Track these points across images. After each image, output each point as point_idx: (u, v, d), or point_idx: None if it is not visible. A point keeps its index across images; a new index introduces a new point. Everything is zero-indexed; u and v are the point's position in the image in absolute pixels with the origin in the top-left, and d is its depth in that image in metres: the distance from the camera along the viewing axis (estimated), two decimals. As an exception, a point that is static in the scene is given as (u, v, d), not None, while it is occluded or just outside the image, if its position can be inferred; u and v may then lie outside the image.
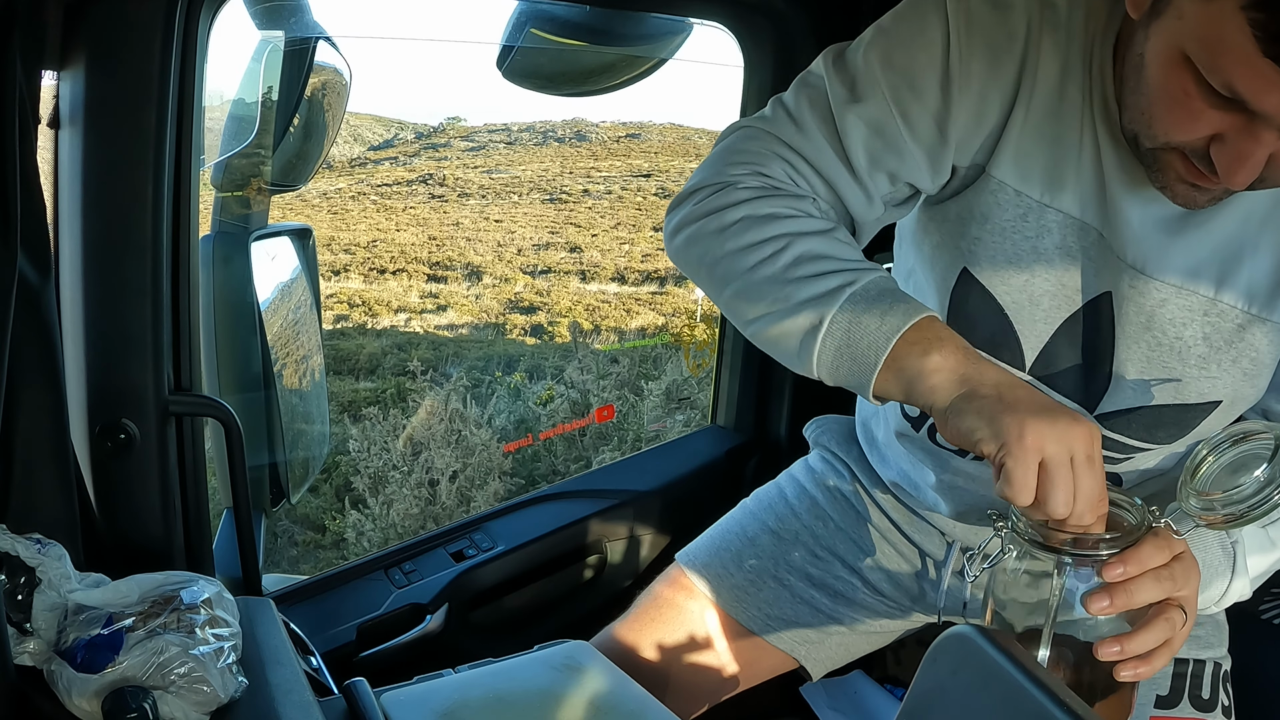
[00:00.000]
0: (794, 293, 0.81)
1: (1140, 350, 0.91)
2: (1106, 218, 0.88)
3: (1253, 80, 0.67)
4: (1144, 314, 0.89)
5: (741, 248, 0.84)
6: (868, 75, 0.87)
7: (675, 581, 1.22)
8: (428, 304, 9.73)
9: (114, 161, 0.99)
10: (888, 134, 0.87)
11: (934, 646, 0.73)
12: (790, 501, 1.22)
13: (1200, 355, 0.90)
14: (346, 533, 5.15)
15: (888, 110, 0.87)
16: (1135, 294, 0.88)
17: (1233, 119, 0.71)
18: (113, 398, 1.04)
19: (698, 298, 9.52)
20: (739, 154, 0.90)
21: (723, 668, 1.20)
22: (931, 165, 0.89)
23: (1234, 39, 0.66)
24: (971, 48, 0.85)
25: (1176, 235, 0.86)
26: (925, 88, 0.86)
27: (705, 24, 1.55)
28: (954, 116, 0.87)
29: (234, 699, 0.85)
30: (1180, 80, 0.72)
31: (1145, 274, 0.87)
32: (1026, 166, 0.88)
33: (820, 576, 1.19)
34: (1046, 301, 0.92)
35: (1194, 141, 0.75)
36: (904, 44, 0.87)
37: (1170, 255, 0.87)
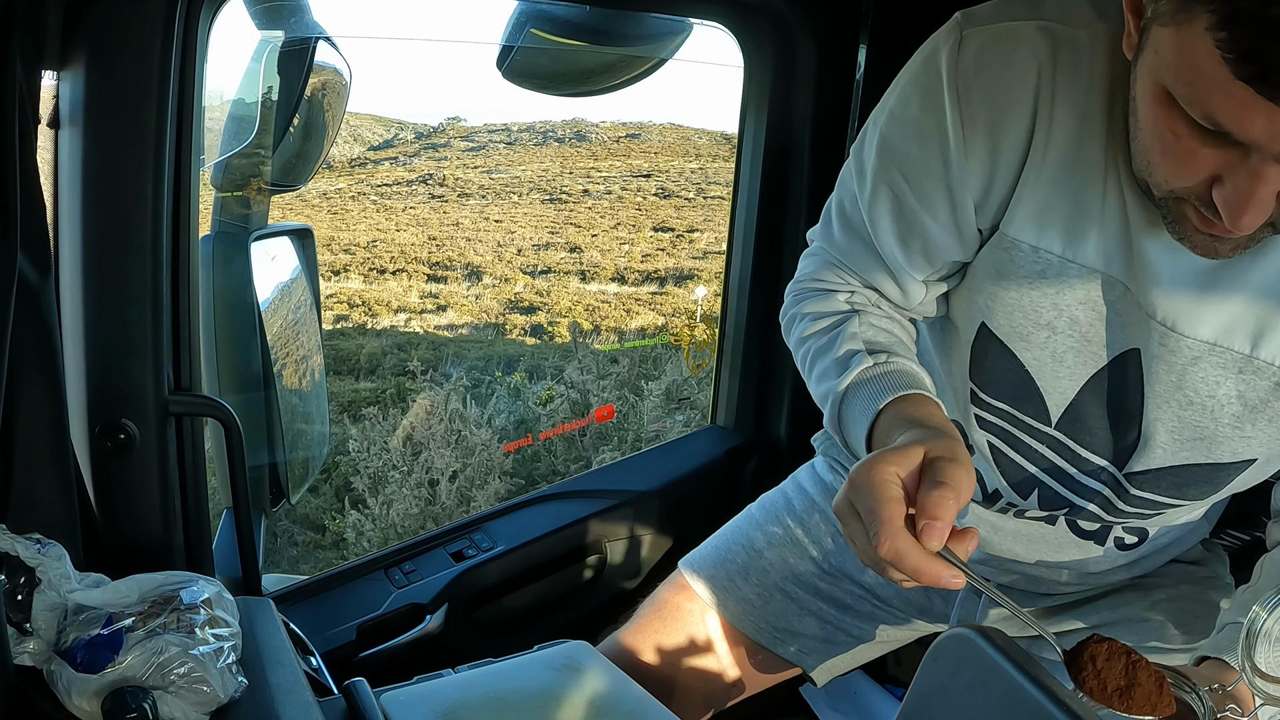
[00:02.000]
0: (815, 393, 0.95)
1: (1171, 410, 0.86)
2: (1133, 271, 0.82)
3: (1232, 108, 0.62)
4: (1175, 373, 0.84)
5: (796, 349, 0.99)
6: (879, 164, 0.89)
7: (679, 588, 1.21)
8: (427, 304, 9.73)
9: (114, 161, 0.99)
10: (909, 218, 0.89)
11: (934, 647, 0.73)
12: (798, 513, 1.20)
13: (1234, 414, 0.85)
14: (346, 533, 5.16)
15: (903, 194, 0.88)
16: (1165, 352, 0.83)
17: (1227, 156, 0.66)
18: (113, 398, 1.04)
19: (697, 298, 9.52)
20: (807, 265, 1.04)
21: (728, 674, 1.20)
22: (958, 236, 0.88)
23: (1206, 65, 0.61)
24: (973, 106, 0.82)
25: (1209, 289, 0.80)
26: (931, 162, 0.85)
27: (705, 24, 1.55)
28: (964, 182, 0.84)
29: (234, 699, 0.85)
30: (1168, 120, 0.68)
31: (1176, 331, 0.82)
32: (1045, 222, 0.83)
33: (828, 590, 1.17)
34: (1070, 358, 0.88)
35: (1196, 187, 0.69)
36: (906, 121, 0.86)
37: (1203, 311, 0.81)
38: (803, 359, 0.97)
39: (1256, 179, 0.65)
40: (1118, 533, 1.00)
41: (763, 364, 1.72)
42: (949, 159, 0.84)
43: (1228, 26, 0.59)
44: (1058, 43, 0.80)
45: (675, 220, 11.18)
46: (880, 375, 0.87)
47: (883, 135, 0.88)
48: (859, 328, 0.93)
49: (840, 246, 0.97)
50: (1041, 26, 0.80)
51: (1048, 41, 0.80)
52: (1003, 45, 0.81)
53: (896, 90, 0.88)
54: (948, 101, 0.82)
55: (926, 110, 0.84)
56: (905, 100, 0.87)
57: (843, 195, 0.96)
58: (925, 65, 0.85)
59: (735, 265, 1.71)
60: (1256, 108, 0.61)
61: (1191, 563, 1.08)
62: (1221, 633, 0.87)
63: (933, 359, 1.03)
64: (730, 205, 1.71)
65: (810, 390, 0.96)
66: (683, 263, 10.42)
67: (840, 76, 1.57)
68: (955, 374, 0.98)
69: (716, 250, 10.34)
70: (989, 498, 1.02)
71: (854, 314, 0.94)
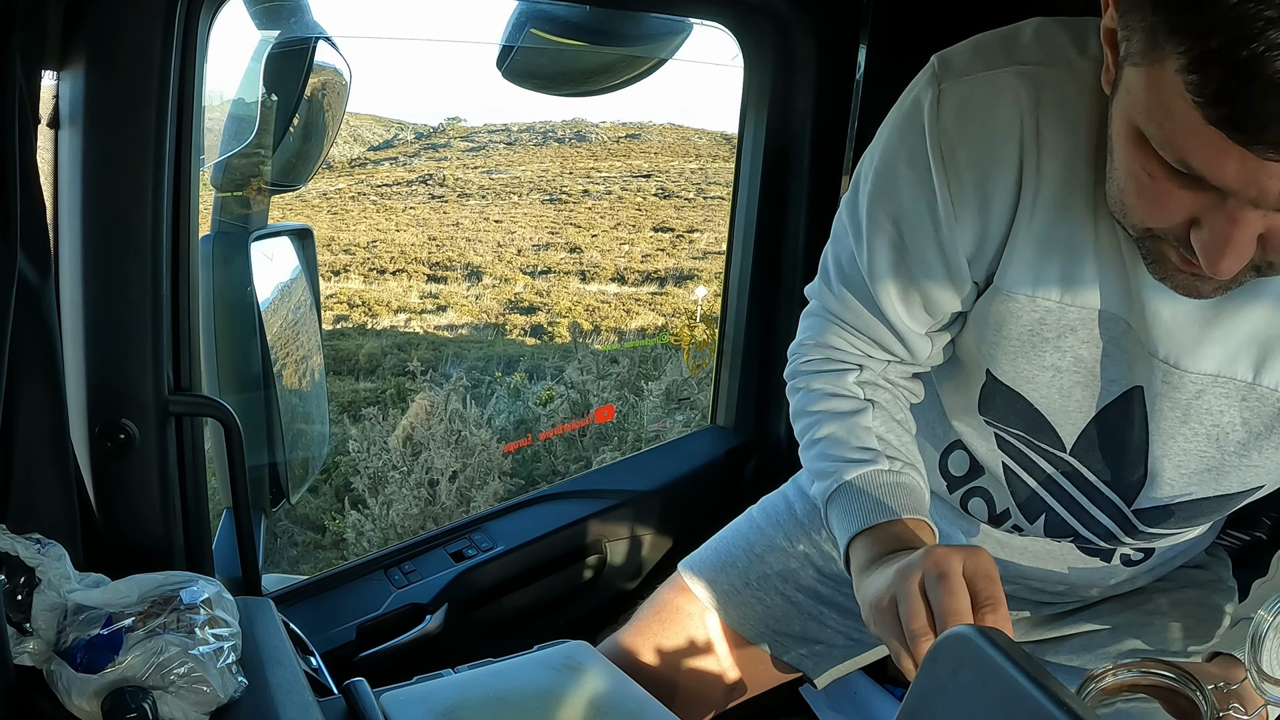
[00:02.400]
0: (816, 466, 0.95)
1: (1177, 444, 0.86)
2: (1132, 308, 0.81)
3: (1203, 152, 0.60)
4: (1180, 409, 0.84)
5: (797, 415, 0.99)
6: (871, 223, 0.88)
7: (679, 590, 1.21)
8: (427, 304, 9.74)
9: (114, 161, 0.99)
10: (906, 277, 0.89)
11: (934, 647, 0.73)
12: (799, 518, 1.19)
13: (1239, 441, 0.84)
14: (346, 533, 5.16)
15: (899, 255, 0.88)
16: (1169, 389, 0.83)
17: (1204, 199, 0.64)
18: (113, 398, 1.04)
19: (697, 298, 9.53)
20: (809, 325, 1.02)
21: (729, 676, 1.19)
22: (955, 290, 0.88)
23: (1176, 107, 0.59)
24: (958, 165, 0.81)
25: (1211, 324, 0.79)
26: (920, 223, 0.85)
27: (705, 24, 1.55)
28: (957, 241, 0.84)
29: (234, 699, 0.85)
30: (1142, 160, 0.66)
31: (1179, 369, 0.81)
32: (1040, 270, 0.82)
33: (829, 594, 1.17)
34: (1079, 392, 0.88)
35: (1174, 228, 0.67)
36: (892, 180, 0.85)
37: (1205, 345, 0.80)
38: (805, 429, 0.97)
39: (1234, 224, 0.63)
40: (1124, 551, 1.00)
41: (763, 364, 1.72)
42: (938, 219, 0.83)
43: (1197, 69, 0.57)
44: (1039, 87, 0.78)
45: (675, 220, 11.18)
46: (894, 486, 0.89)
47: (872, 194, 0.88)
48: (873, 422, 0.93)
49: (842, 305, 0.96)
50: (1021, 72, 0.78)
51: (1029, 88, 0.78)
52: (983, 98, 0.79)
53: (881, 145, 0.87)
54: (932, 162, 0.81)
55: (913, 169, 0.83)
56: (891, 157, 0.86)
57: (839, 251, 0.95)
58: (907, 122, 0.83)
59: (735, 265, 1.71)
60: (1229, 152, 0.58)
61: (1194, 566, 1.08)
62: (1235, 628, 0.87)
63: (939, 393, 1.03)
64: (730, 205, 1.71)
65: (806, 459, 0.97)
66: (683, 263, 10.42)
67: (840, 76, 1.57)
68: (965, 410, 0.98)
69: (716, 250, 10.34)
70: (996, 518, 1.01)
71: (870, 405, 0.94)
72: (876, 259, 0.89)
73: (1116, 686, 0.76)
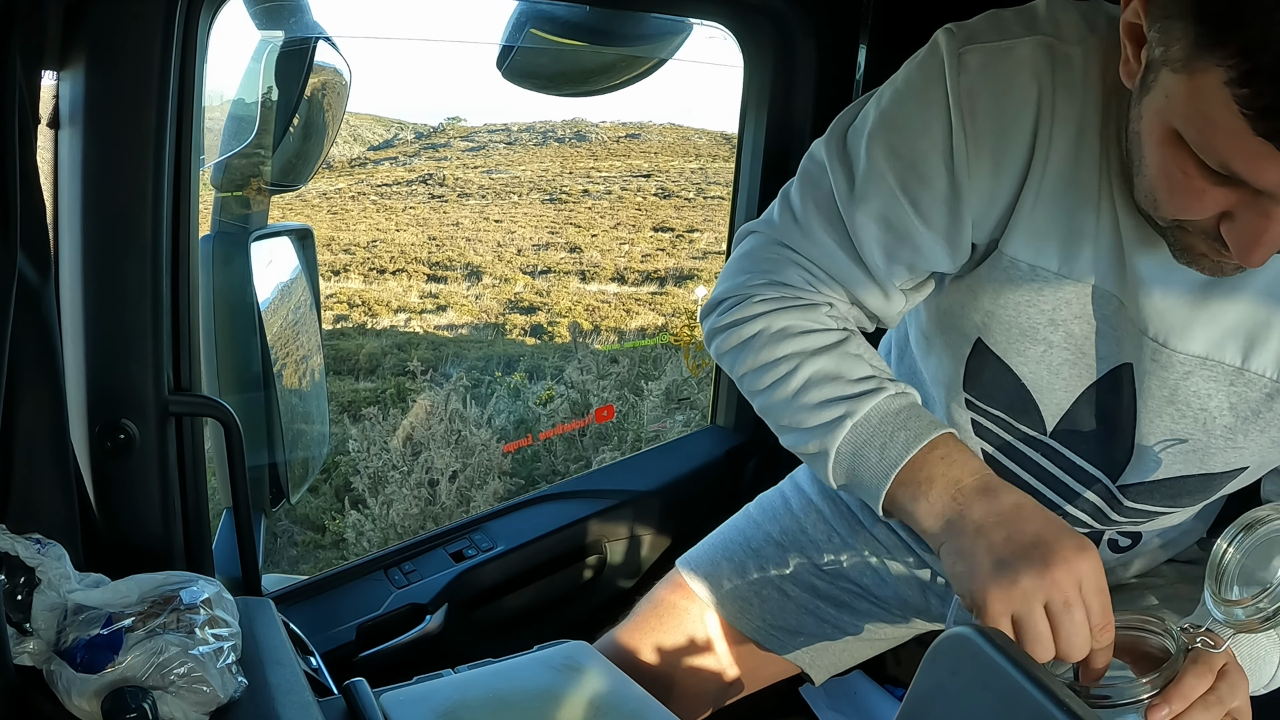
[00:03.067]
0: (804, 418, 0.86)
1: (1163, 423, 0.87)
2: (1126, 286, 0.83)
3: (1249, 159, 0.62)
4: (1167, 387, 0.85)
5: (759, 366, 0.89)
6: (871, 168, 0.85)
7: (677, 587, 1.21)
8: (427, 304, 9.73)
9: (114, 161, 0.99)
10: (900, 227, 0.86)
11: (934, 647, 0.73)
12: (795, 513, 1.20)
13: (1226, 425, 0.85)
14: (346, 533, 5.15)
15: (897, 203, 0.85)
16: (1157, 367, 0.84)
17: (1238, 195, 0.66)
18: (113, 398, 1.04)
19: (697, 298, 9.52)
20: (755, 261, 0.93)
21: (726, 673, 1.20)
22: (950, 249, 0.87)
23: (1222, 117, 0.61)
24: (977, 125, 0.80)
25: (1201, 306, 0.81)
26: (932, 174, 0.83)
27: (705, 24, 1.55)
28: (966, 198, 0.83)
29: (234, 699, 0.85)
30: (1177, 159, 0.68)
31: (1168, 347, 0.82)
32: (1042, 240, 0.83)
33: (825, 588, 1.17)
34: (1066, 370, 0.89)
35: (1204, 222, 0.70)
36: (906, 129, 0.84)
37: (1195, 327, 0.81)
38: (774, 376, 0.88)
39: (1267, 219, 0.66)
40: (1111, 535, 1.01)
41: (763, 364, 1.72)
42: (954, 173, 0.82)
43: (1248, 83, 0.58)
44: (1055, 59, 0.79)
45: (675, 220, 11.17)
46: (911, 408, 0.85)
47: (882, 142, 0.85)
48: (861, 349, 0.89)
49: (811, 244, 0.90)
50: (1041, 43, 0.79)
51: (1047, 59, 0.79)
52: (1004, 64, 0.79)
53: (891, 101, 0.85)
54: (953, 110, 0.80)
55: (929, 123, 0.82)
56: (903, 108, 0.84)
57: (812, 191, 0.90)
58: (926, 76, 0.82)
59: (735, 265, 1.71)
60: (1274, 159, 0.61)
61: (1186, 562, 1.09)
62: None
63: (920, 370, 1.03)
64: (730, 205, 1.71)
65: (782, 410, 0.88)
66: (683, 263, 10.41)
67: (840, 76, 1.57)
68: (947, 385, 0.98)
69: (716, 250, 10.34)
70: None
71: (850, 334, 0.90)
72: (868, 206, 0.86)
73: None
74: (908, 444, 0.82)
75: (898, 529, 1.15)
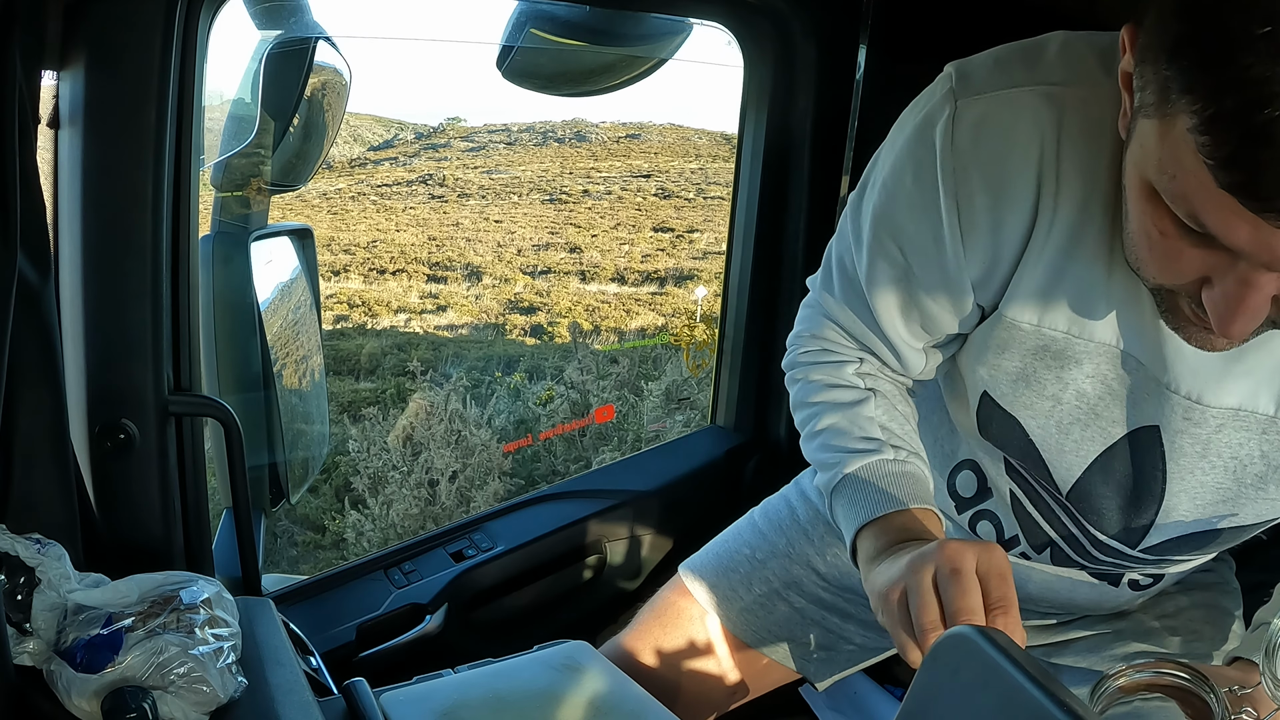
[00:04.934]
0: (819, 462, 0.94)
1: (1195, 478, 0.83)
2: (1151, 348, 0.78)
3: (1215, 213, 0.58)
4: (1199, 444, 0.81)
5: (797, 405, 0.98)
6: (875, 241, 0.86)
7: (680, 592, 1.20)
8: (427, 304, 9.73)
9: (114, 161, 0.99)
10: (907, 296, 0.87)
11: (934, 647, 0.73)
12: (802, 524, 1.17)
13: (1257, 474, 0.82)
14: (346, 533, 5.16)
15: (901, 269, 0.85)
16: (1190, 425, 0.80)
17: (1216, 258, 0.62)
18: (112, 398, 1.04)
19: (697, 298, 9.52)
20: (807, 315, 1.01)
21: (729, 678, 1.19)
22: (955, 314, 0.87)
23: (1189, 163, 0.57)
24: (970, 189, 0.77)
25: (1237, 359, 0.76)
26: (926, 243, 0.82)
27: (705, 24, 1.55)
28: (962, 266, 0.81)
29: (233, 699, 0.85)
30: (1154, 217, 0.63)
31: (1202, 404, 0.79)
32: (1048, 303, 0.79)
33: (832, 600, 1.16)
34: (1077, 431, 0.85)
35: (1187, 286, 0.65)
36: (897, 197, 0.82)
37: (1229, 381, 0.78)
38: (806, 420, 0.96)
39: (1246, 286, 0.61)
40: (1132, 576, 0.99)
41: (763, 364, 1.72)
42: (944, 241, 0.80)
43: (1209, 130, 0.54)
44: (1062, 109, 0.74)
45: (675, 220, 11.18)
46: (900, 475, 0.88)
47: (876, 208, 0.85)
48: (875, 411, 0.92)
49: (839, 308, 0.94)
50: (1044, 93, 0.74)
51: (1051, 110, 0.74)
52: (1002, 118, 0.75)
53: (890, 157, 0.84)
54: (942, 182, 0.78)
55: (919, 187, 0.80)
56: (899, 174, 0.82)
57: (843, 251, 0.92)
58: (919, 137, 0.79)
59: (735, 265, 1.71)
60: (1241, 215, 0.56)
61: (1200, 569, 1.08)
62: (1255, 631, 0.86)
63: (944, 411, 1.02)
64: (730, 205, 1.71)
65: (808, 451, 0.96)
66: (683, 263, 10.42)
67: (840, 76, 1.57)
68: (970, 432, 0.97)
69: (716, 250, 10.34)
70: (1005, 543, 1.00)
71: (871, 394, 0.93)
72: (876, 273, 0.87)
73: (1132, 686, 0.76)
74: (875, 507, 0.85)
75: None
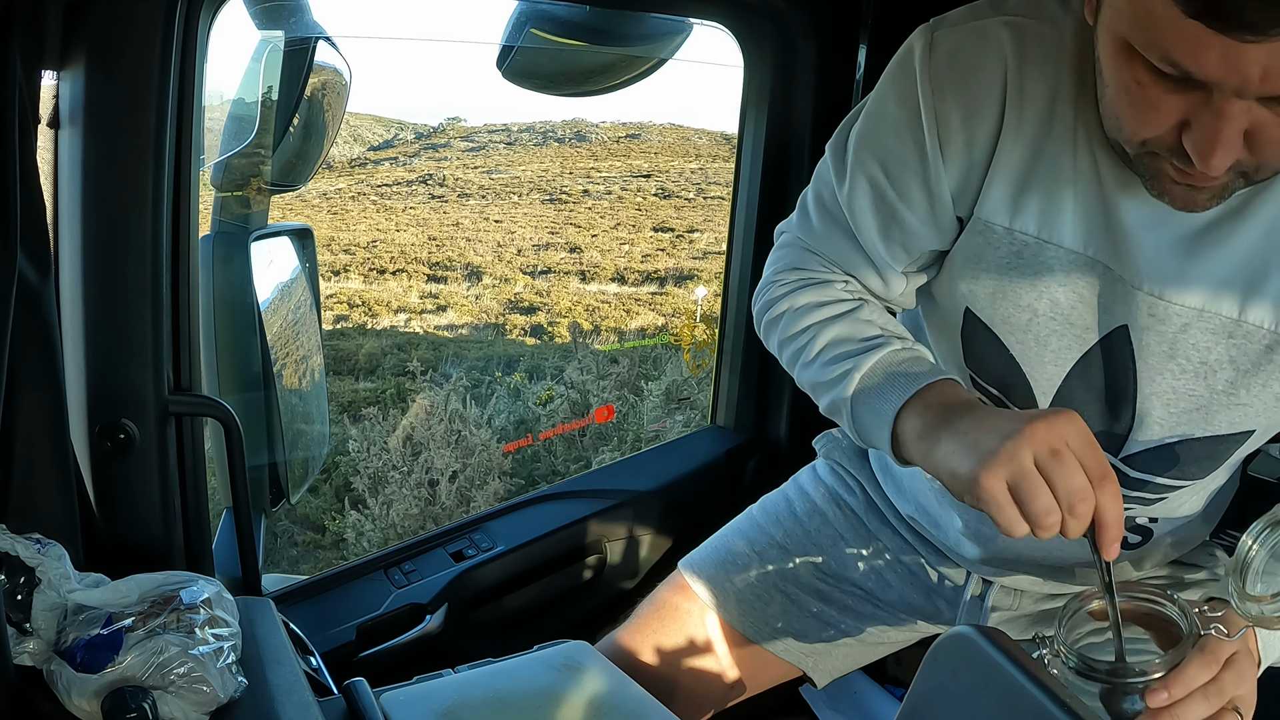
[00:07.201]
0: (823, 378, 0.93)
1: (1165, 380, 0.87)
2: (1115, 247, 0.84)
3: (1186, 46, 0.64)
4: (1166, 342, 0.85)
5: (788, 340, 0.98)
6: (857, 158, 0.93)
7: (679, 588, 1.21)
8: (427, 304, 9.73)
9: (114, 161, 0.99)
10: (887, 210, 0.92)
11: (934, 647, 0.73)
12: (799, 516, 1.19)
13: (1227, 379, 0.85)
14: (346, 533, 5.16)
15: (881, 187, 0.92)
16: (1155, 322, 0.84)
17: (1192, 100, 0.68)
18: (113, 398, 1.04)
19: (697, 298, 9.53)
20: (781, 256, 1.05)
21: (728, 675, 1.19)
22: (936, 228, 0.91)
23: (1156, 7, 0.64)
24: (946, 103, 0.85)
25: (1194, 256, 0.82)
26: (908, 155, 0.89)
27: (705, 24, 1.55)
28: (941, 174, 0.88)
29: (234, 699, 0.85)
30: (1130, 70, 0.70)
31: (1165, 299, 0.83)
32: (1019, 202, 0.86)
33: (829, 592, 1.17)
34: (1054, 342, 0.89)
35: (1165, 135, 0.71)
36: (883, 118, 0.91)
37: (1190, 277, 0.82)
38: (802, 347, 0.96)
39: (1221, 118, 0.67)
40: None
41: (763, 364, 1.72)
42: (925, 154, 0.88)
43: None
44: (1024, 35, 0.83)
45: (675, 220, 11.18)
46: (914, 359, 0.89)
47: (860, 132, 0.93)
48: (872, 314, 0.95)
49: (820, 239, 0.99)
50: (1007, 22, 0.84)
51: (1013, 35, 0.84)
52: (972, 43, 0.85)
53: (873, 96, 0.93)
54: (922, 99, 0.86)
55: (902, 108, 0.88)
56: (882, 99, 0.91)
57: (820, 189, 0.99)
58: (900, 67, 0.89)
59: (735, 265, 1.71)
60: (1210, 43, 0.62)
61: (1191, 565, 1.09)
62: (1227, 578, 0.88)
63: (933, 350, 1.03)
64: (730, 205, 1.71)
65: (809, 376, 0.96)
66: (683, 263, 10.42)
67: (840, 76, 1.57)
68: (955, 364, 0.99)
69: (716, 250, 10.34)
70: None
71: (863, 302, 0.97)
72: (858, 197, 0.93)
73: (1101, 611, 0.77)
74: (906, 387, 0.85)
75: (903, 532, 1.15)
